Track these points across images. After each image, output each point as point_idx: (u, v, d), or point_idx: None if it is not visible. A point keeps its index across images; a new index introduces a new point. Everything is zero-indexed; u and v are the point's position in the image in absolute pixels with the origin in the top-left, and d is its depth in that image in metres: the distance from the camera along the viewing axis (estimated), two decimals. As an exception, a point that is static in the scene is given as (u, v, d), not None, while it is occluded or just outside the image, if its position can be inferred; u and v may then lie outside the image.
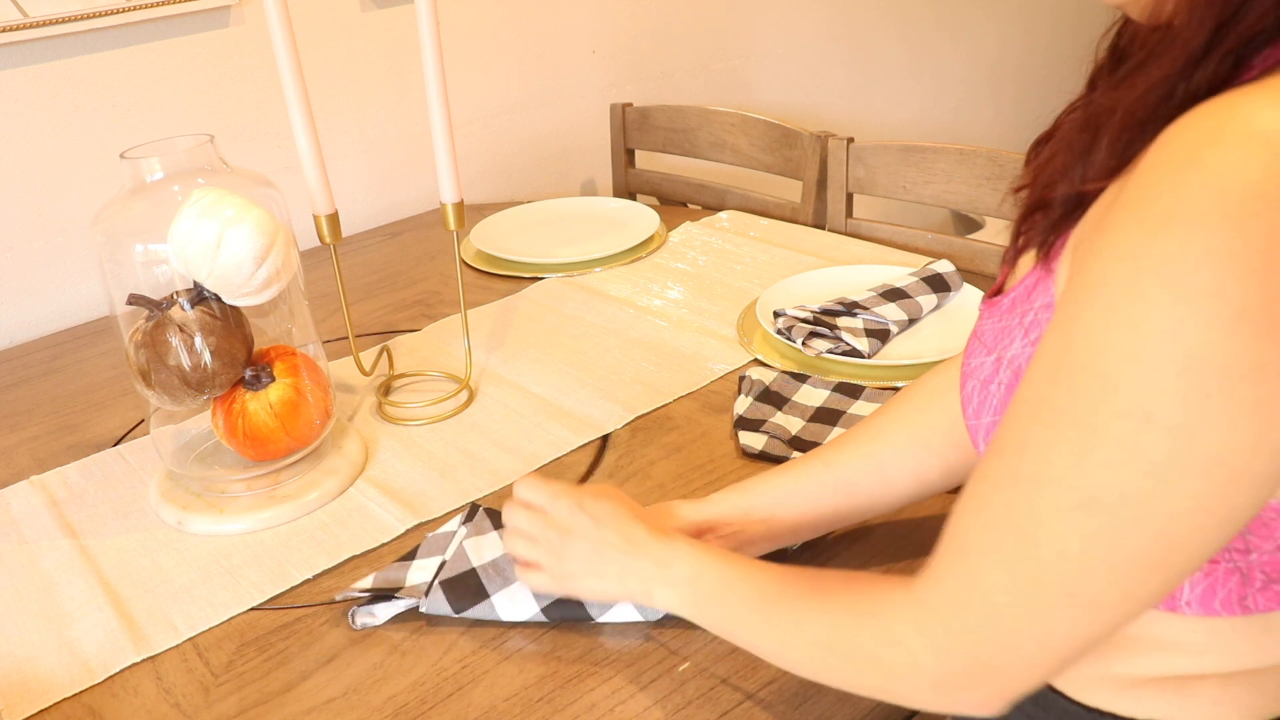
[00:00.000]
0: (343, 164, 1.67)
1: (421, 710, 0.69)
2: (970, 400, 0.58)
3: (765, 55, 2.23)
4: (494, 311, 1.30)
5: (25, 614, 0.81)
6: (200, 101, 1.50)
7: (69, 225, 1.43)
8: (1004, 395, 0.54)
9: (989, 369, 0.56)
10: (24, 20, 1.29)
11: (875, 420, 0.75)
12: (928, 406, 0.73)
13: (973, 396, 0.58)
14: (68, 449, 1.06)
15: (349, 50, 1.63)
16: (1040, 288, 0.53)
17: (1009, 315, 0.56)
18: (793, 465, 0.77)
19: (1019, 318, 0.54)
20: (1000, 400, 0.55)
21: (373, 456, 0.99)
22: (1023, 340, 0.53)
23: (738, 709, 0.67)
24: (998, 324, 0.57)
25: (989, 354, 0.56)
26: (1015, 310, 0.55)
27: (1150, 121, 0.45)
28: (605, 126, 1.96)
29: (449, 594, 0.76)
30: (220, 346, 0.87)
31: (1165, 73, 0.45)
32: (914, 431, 0.73)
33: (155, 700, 0.72)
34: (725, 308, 1.26)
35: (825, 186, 1.56)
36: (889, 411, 0.75)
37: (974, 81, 2.76)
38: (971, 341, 0.60)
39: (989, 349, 0.57)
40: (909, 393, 0.75)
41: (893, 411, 0.75)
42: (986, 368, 0.56)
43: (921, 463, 0.72)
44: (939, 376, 0.74)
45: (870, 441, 0.74)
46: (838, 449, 0.76)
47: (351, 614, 0.77)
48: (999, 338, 0.56)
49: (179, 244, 0.82)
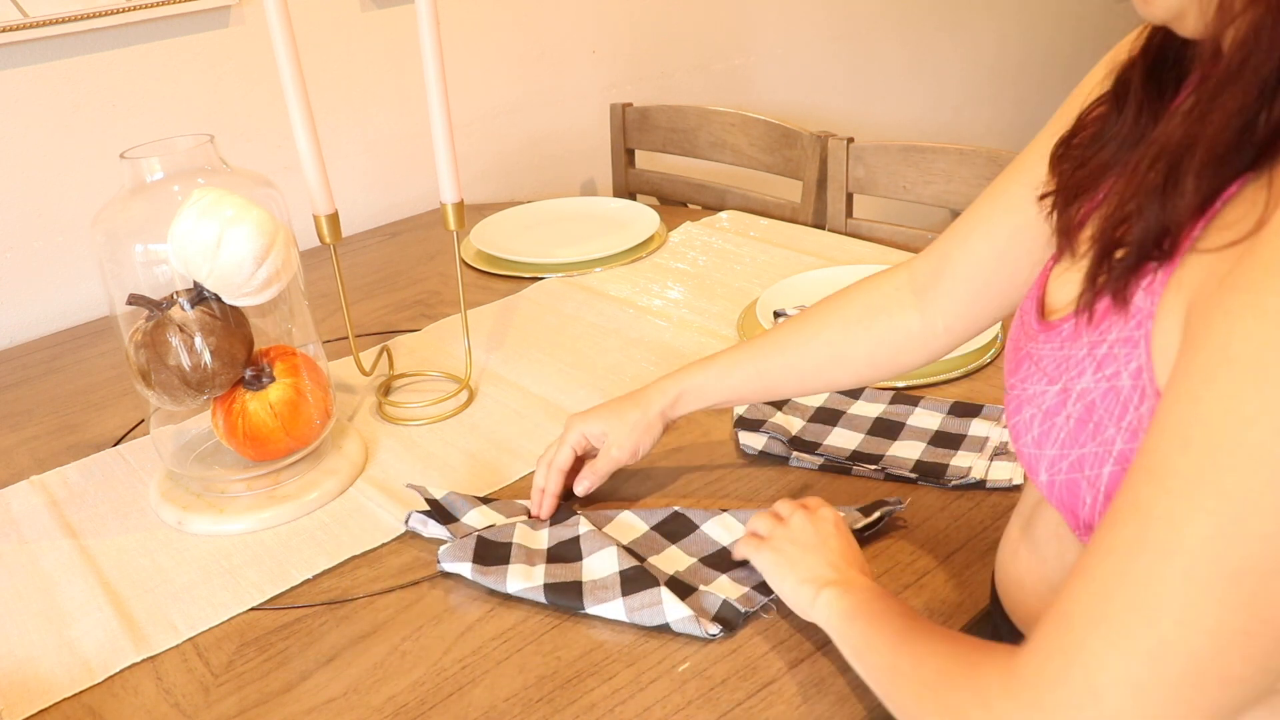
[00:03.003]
0: (343, 164, 1.67)
1: (421, 710, 0.69)
2: (1029, 428, 0.56)
3: (765, 55, 2.23)
4: (494, 311, 1.30)
5: (25, 614, 0.81)
6: (200, 101, 1.50)
7: (69, 225, 1.43)
8: (1073, 429, 0.53)
9: (1053, 400, 0.54)
10: (24, 20, 1.29)
11: (804, 330, 0.84)
12: (854, 325, 0.81)
13: (1032, 425, 0.56)
14: (68, 449, 1.06)
15: (349, 50, 1.63)
16: (1111, 320, 0.51)
17: (1072, 344, 0.54)
18: (724, 360, 0.86)
19: (1087, 349, 0.52)
20: (1069, 434, 0.53)
21: (373, 456, 0.99)
22: (1094, 374, 0.51)
23: (738, 709, 0.67)
24: (1059, 351, 0.55)
25: (1052, 384, 0.54)
26: (1080, 340, 0.53)
27: (1235, 153, 0.44)
28: (605, 126, 1.96)
29: (479, 548, 0.81)
30: (220, 346, 0.87)
31: (1241, 103, 0.43)
32: (835, 350, 0.82)
33: (155, 700, 0.72)
34: (725, 308, 1.26)
35: (825, 186, 1.56)
36: (818, 321, 0.83)
37: (974, 81, 2.76)
38: (1022, 362, 0.58)
39: (1051, 378, 0.55)
40: (839, 302, 0.83)
41: (821, 322, 0.83)
42: (1050, 398, 0.54)
43: (836, 374, 0.83)
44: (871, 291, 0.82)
45: (795, 351, 0.83)
46: (766, 356, 0.85)
47: (409, 515, 0.86)
48: (1063, 367, 0.54)
49: (179, 244, 0.82)
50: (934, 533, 0.83)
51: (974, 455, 0.90)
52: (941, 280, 0.76)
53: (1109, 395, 0.50)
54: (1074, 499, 0.53)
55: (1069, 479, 0.53)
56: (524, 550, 0.81)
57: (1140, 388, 0.49)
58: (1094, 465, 0.51)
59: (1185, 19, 0.48)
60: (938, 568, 0.79)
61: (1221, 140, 0.44)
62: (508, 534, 0.82)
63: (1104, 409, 0.51)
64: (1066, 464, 0.53)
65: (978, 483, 0.87)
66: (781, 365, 0.84)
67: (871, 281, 0.83)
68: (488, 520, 0.86)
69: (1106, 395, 0.51)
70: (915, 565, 0.79)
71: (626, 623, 0.74)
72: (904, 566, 0.79)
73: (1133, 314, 0.49)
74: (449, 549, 0.81)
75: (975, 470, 0.88)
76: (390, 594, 0.80)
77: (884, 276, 0.82)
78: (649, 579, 0.75)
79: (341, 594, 0.81)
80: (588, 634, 0.74)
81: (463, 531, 0.84)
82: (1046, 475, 0.55)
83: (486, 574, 0.78)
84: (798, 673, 0.69)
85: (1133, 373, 0.49)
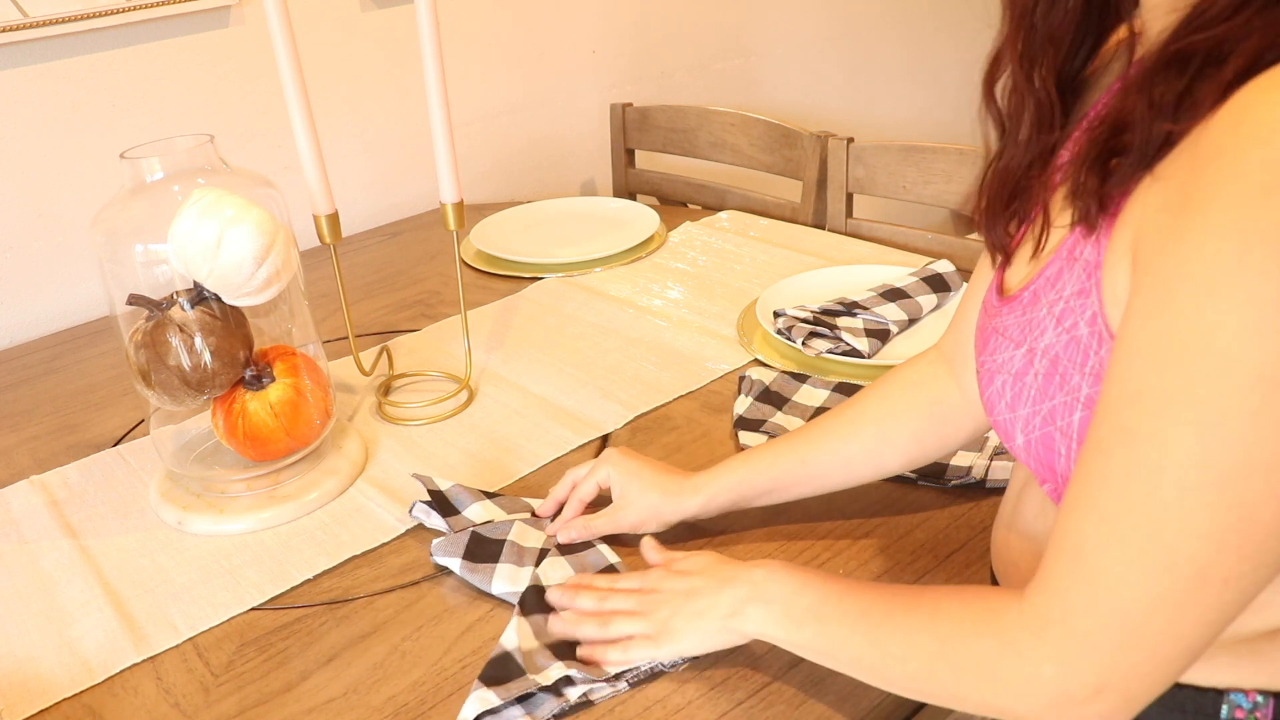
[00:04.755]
0: (343, 164, 1.67)
1: (421, 710, 0.69)
2: (1001, 395, 0.58)
3: (765, 55, 2.23)
4: (494, 311, 1.30)
5: (25, 614, 0.81)
6: (200, 101, 1.50)
7: (69, 225, 1.42)
8: (1041, 384, 0.54)
9: (1020, 361, 0.56)
10: (24, 20, 1.29)
11: (846, 415, 0.80)
12: (896, 407, 0.78)
13: (1004, 391, 0.57)
14: (68, 449, 1.06)
15: (349, 50, 1.63)
16: (1067, 277, 0.53)
17: (1032, 308, 0.56)
18: (768, 451, 0.81)
19: (1046, 308, 0.55)
20: (1038, 390, 0.55)
21: (373, 456, 0.99)
22: (1055, 330, 0.54)
23: (738, 709, 0.67)
24: (1021, 317, 0.57)
25: (1018, 347, 0.56)
26: (1040, 302, 0.55)
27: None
28: (605, 126, 1.96)
29: (471, 544, 0.80)
30: (220, 346, 0.87)
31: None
32: (881, 429, 0.78)
33: (155, 700, 0.72)
34: (725, 308, 1.26)
35: (825, 186, 1.56)
36: (859, 406, 0.80)
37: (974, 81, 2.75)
38: (989, 338, 0.60)
39: (1016, 342, 0.57)
40: (880, 389, 0.80)
41: (862, 407, 0.80)
42: (1018, 360, 0.56)
43: (884, 456, 0.79)
44: (910, 372, 0.79)
45: (840, 438, 0.79)
46: (811, 443, 0.80)
47: (413, 505, 0.87)
48: (1026, 330, 0.56)
49: (179, 244, 0.82)
50: (934, 533, 0.83)
51: (974, 455, 0.90)
52: (967, 345, 0.73)
53: (1070, 346, 0.53)
54: (1050, 453, 0.55)
55: (1043, 434, 0.55)
56: (515, 549, 0.81)
57: (1097, 333, 0.51)
58: (1065, 414, 0.53)
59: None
60: (938, 568, 0.79)
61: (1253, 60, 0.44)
62: (503, 530, 0.82)
63: (1067, 359, 0.53)
64: (1039, 419, 0.55)
65: (978, 483, 0.87)
66: (827, 452, 0.79)
67: (906, 364, 0.81)
68: (488, 515, 0.86)
69: (1068, 346, 0.53)
70: (915, 565, 0.79)
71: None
72: (904, 566, 0.79)
73: (1084, 266, 0.52)
74: (442, 543, 0.81)
75: (975, 470, 0.88)
76: (390, 594, 0.80)
77: (917, 357, 0.80)
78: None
79: (341, 594, 0.81)
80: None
81: (461, 525, 0.84)
82: (1023, 436, 0.57)
83: (475, 571, 0.79)
84: (798, 673, 0.69)
85: (1088, 320, 0.51)
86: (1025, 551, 0.65)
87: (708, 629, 0.67)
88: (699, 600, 0.68)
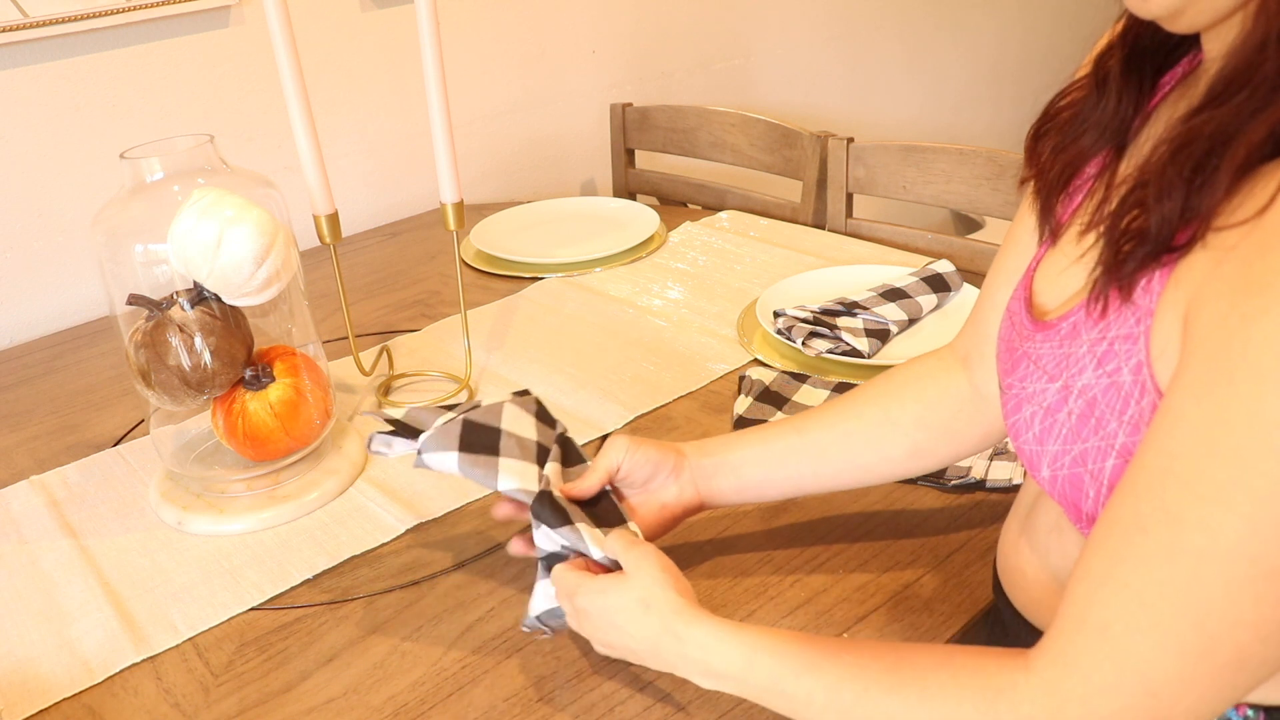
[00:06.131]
0: (343, 164, 1.67)
1: (421, 710, 0.69)
2: (1029, 425, 0.56)
3: (765, 55, 2.23)
4: (494, 311, 1.30)
5: (25, 614, 0.81)
6: (200, 101, 1.50)
7: (69, 225, 1.43)
8: (1075, 425, 0.53)
9: (1054, 396, 0.54)
10: (24, 20, 1.29)
11: (849, 396, 0.78)
12: (902, 389, 0.76)
13: (1033, 423, 0.56)
14: (68, 449, 1.06)
15: (349, 50, 1.63)
16: (1112, 318, 0.51)
17: (1071, 342, 0.54)
18: (768, 427, 0.78)
19: (1087, 346, 0.53)
20: (1070, 430, 0.53)
21: (373, 456, 0.99)
22: (1095, 371, 0.52)
23: (737, 709, 0.67)
24: (1058, 350, 0.55)
25: (1052, 381, 0.55)
26: (1079, 337, 0.53)
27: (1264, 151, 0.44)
28: (605, 126, 1.96)
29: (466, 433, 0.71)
30: (220, 346, 0.87)
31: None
32: (884, 409, 0.76)
33: (155, 700, 0.72)
34: (725, 308, 1.26)
35: (825, 186, 1.56)
36: (864, 390, 0.78)
37: (974, 81, 2.76)
38: (1020, 362, 0.58)
39: (1051, 376, 0.55)
40: (885, 375, 0.78)
41: (867, 390, 0.78)
42: (1051, 395, 0.55)
43: (887, 439, 0.75)
44: (918, 364, 0.77)
45: (841, 414, 0.77)
46: (811, 417, 0.77)
47: (370, 438, 0.74)
48: (1063, 365, 0.54)
49: (179, 244, 0.82)
50: (934, 533, 0.83)
51: (974, 455, 0.90)
52: (984, 344, 0.72)
53: (1110, 391, 0.51)
54: (1077, 493, 0.54)
55: (1071, 474, 0.54)
56: (514, 440, 0.73)
57: (1140, 383, 0.49)
58: (1096, 459, 0.52)
59: (1181, 16, 0.48)
60: (938, 568, 0.79)
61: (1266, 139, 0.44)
62: (495, 416, 0.73)
63: (1105, 404, 0.51)
64: (1069, 459, 0.53)
65: (977, 483, 0.87)
66: (824, 427, 0.76)
67: (915, 359, 0.79)
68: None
69: (1108, 391, 0.51)
70: (915, 565, 0.79)
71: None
72: (904, 566, 0.79)
73: (1133, 312, 0.50)
74: (431, 437, 0.71)
75: (975, 470, 0.88)
76: (390, 594, 0.80)
77: (928, 353, 0.79)
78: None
79: (341, 594, 0.81)
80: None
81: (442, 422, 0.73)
82: (1049, 471, 0.55)
83: (476, 465, 0.70)
84: (798, 673, 0.69)
85: (1133, 369, 0.50)
86: (1033, 562, 0.64)
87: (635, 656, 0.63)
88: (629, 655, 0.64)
